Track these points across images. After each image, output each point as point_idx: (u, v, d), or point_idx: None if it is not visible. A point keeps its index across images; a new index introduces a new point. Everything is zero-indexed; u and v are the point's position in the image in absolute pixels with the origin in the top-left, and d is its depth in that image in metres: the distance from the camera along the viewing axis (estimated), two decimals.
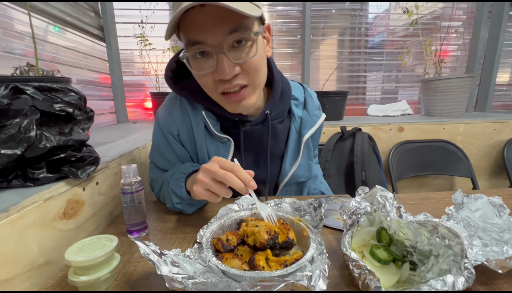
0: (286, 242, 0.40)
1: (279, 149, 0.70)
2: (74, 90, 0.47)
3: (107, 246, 0.39)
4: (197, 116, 0.63)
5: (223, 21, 0.46)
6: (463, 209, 0.48)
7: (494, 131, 1.48)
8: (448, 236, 0.31)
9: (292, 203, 0.58)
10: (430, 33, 1.94)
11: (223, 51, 0.48)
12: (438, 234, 0.32)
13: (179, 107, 0.65)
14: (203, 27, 0.47)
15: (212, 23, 0.46)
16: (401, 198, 0.70)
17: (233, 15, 0.46)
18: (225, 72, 0.49)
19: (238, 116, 0.62)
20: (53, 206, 0.43)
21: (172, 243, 0.50)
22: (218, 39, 0.47)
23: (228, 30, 0.47)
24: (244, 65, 0.51)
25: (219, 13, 0.45)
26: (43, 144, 0.41)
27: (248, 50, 0.50)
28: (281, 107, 0.66)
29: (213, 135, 0.64)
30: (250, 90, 0.55)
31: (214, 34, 0.47)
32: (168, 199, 0.60)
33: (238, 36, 0.48)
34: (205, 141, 0.64)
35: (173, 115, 0.65)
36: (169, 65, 0.64)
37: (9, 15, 1.04)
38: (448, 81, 1.57)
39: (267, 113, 0.64)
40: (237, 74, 0.51)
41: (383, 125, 1.43)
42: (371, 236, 0.45)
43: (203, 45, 0.48)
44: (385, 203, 0.40)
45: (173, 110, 0.66)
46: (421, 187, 1.53)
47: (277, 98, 0.65)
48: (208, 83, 0.53)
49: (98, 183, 0.57)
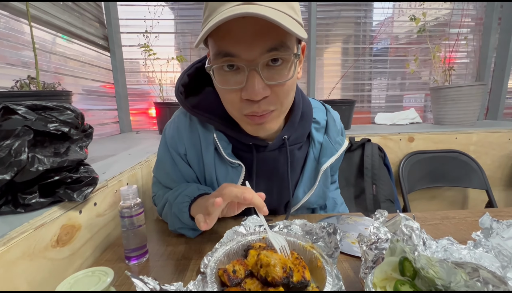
0: (301, 282, 0.36)
1: (294, 175, 0.64)
2: (70, 108, 0.44)
3: (101, 281, 0.35)
4: (208, 138, 0.58)
5: (264, 37, 0.41)
6: (493, 235, 0.43)
7: (509, 141, 1.42)
8: (492, 281, 0.26)
9: (302, 225, 0.54)
10: (438, 40, 1.91)
11: (256, 69, 0.42)
12: (480, 277, 0.27)
13: (189, 126, 0.60)
14: (240, 40, 0.41)
15: (251, 37, 0.41)
16: (419, 218, 0.65)
17: (276, 32, 0.40)
18: (255, 93, 0.43)
19: (253, 140, 0.57)
20: (45, 234, 0.40)
21: (174, 271, 0.46)
22: (254, 55, 0.42)
23: (268, 47, 0.41)
24: (275, 87, 0.45)
25: (260, 27, 0.40)
26: (35, 168, 0.38)
27: (283, 72, 0.44)
28: (301, 131, 0.60)
29: (224, 159, 0.58)
30: (276, 115, 0.49)
31: (251, 49, 0.41)
32: (171, 222, 0.57)
33: (277, 55, 0.42)
34: (214, 164, 0.59)
35: (182, 134, 0.60)
36: (181, 79, 0.58)
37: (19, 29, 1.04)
38: (459, 89, 1.53)
39: (285, 139, 0.59)
40: (266, 97, 0.45)
41: (392, 135, 1.38)
42: (392, 267, 0.41)
43: (235, 58, 0.42)
44: (411, 234, 0.36)
45: (182, 129, 0.60)
46: (433, 199, 1.48)
47: (296, 122, 0.58)
48: (233, 101, 0.47)
49: (96, 204, 0.54)
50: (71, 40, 1.35)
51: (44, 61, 1.18)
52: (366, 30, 2.02)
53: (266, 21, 0.37)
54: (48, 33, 1.19)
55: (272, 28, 0.39)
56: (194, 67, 0.60)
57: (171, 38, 1.85)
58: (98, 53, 1.60)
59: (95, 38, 1.52)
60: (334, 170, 0.75)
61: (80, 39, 1.40)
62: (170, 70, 1.72)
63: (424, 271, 0.34)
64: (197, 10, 1.83)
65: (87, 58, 1.49)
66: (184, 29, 1.86)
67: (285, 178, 0.61)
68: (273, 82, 0.44)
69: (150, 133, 1.69)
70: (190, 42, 1.84)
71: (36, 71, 0.77)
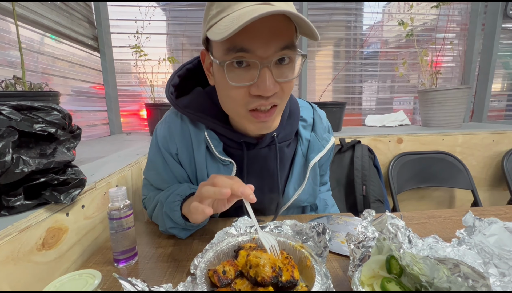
0: (290, 281, 0.37)
1: (283, 172, 0.66)
2: (57, 108, 0.43)
3: (88, 284, 0.35)
4: (199, 136, 0.59)
5: (279, 36, 0.44)
6: (476, 233, 0.45)
7: (493, 142, 1.47)
8: (472, 276, 0.27)
9: (293, 226, 0.54)
10: (426, 44, 1.96)
11: (268, 66, 0.44)
12: (460, 272, 0.28)
13: (180, 126, 0.61)
14: (257, 37, 0.43)
15: (269, 34, 0.43)
16: (406, 217, 0.67)
17: (287, 32, 0.44)
18: (267, 89, 0.45)
19: (243, 138, 0.58)
20: (30, 236, 0.39)
21: (164, 273, 0.46)
22: (268, 53, 0.44)
23: (282, 45, 0.44)
24: (283, 84, 0.48)
25: (275, 26, 0.43)
26: (19, 169, 0.37)
27: (290, 70, 0.48)
28: (289, 129, 0.63)
29: (215, 157, 0.59)
30: (279, 111, 0.52)
31: (267, 46, 0.43)
32: (161, 222, 0.56)
33: (288, 53, 0.46)
34: (205, 163, 0.60)
35: (173, 133, 0.61)
36: (171, 80, 0.59)
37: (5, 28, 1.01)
38: (445, 92, 1.57)
39: (274, 136, 0.60)
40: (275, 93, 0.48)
41: (382, 137, 1.41)
42: (380, 265, 0.41)
43: (249, 54, 0.44)
44: (396, 232, 0.37)
45: (173, 129, 0.61)
46: (422, 199, 1.51)
47: (284, 120, 0.61)
48: (238, 97, 0.48)
49: (84, 206, 0.53)
50: (59, 40, 1.32)
51: (32, 61, 1.15)
52: (357, 34, 2.06)
53: (281, 21, 0.41)
54: (36, 33, 1.17)
55: (285, 28, 0.43)
56: (185, 68, 0.61)
57: (163, 40, 1.84)
58: (88, 53, 1.57)
59: (84, 38, 1.50)
60: (324, 169, 0.76)
61: (69, 39, 1.38)
62: (162, 71, 1.71)
63: (409, 268, 0.35)
64: (189, 12, 1.82)
65: (76, 59, 1.46)
66: (176, 31, 1.85)
67: (275, 175, 0.62)
68: (283, 80, 0.47)
69: (141, 135, 1.66)
70: (182, 43, 1.84)
71: (22, 71, 0.75)
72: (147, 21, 1.67)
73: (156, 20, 1.76)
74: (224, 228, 0.55)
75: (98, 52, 1.65)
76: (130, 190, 0.80)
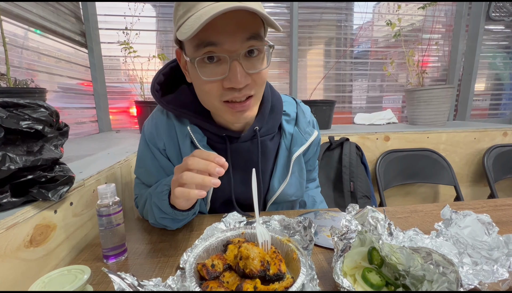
0: (276, 275, 0.38)
1: (268, 166, 0.67)
2: (44, 105, 0.43)
3: (77, 279, 0.35)
4: (183, 131, 0.61)
5: (243, 28, 0.46)
6: (452, 225, 0.48)
7: (474, 140, 1.53)
8: (442, 263, 0.30)
9: (281, 221, 0.56)
10: (413, 44, 2.01)
11: (238, 59, 0.47)
12: (432, 260, 0.31)
13: (166, 122, 0.63)
14: (223, 31, 0.45)
15: (233, 28, 0.45)
16: (390, 212, 0.70)
17: (252, 24, 0.46)
18: (238, 81, 0.47)
19: (225, 132, 0.60)
20: (17, 234, 0.39)
21: (153, 268, 0.47)
22: (236, 45, 0.46)
23: (247, 36, 0.46)
24: (254, 76, 0.50)
25: (239, 19, 0.45)
26: (6, 167, 0.37)
27: (260, 61, 0.50)
28: (271, 123, 0.64)
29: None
30: (255, 101, 0.54)
31: (233, 40, 0.46)
32: (151, 214, 0.57)
33: (255, 44, 0.48)
34: None
35: (160, 129, 0.63)
36: (156, 78, 0.61)
37: None
38: (430, 91, 1.62)
39: (256, 130, 0.61)
40: (248, 84, 0.50)
41: (369, 135, 1.44)
42: (362, 257, 0.44)
43: (218, 48, 0.46)
44: (376, 224, 0.39)
45: (160, 125, 0.63)
46: (407, 195, 1.56)
47: (266, 114, 0.63)
48: (212, 91, 0.50)
49: (73, 204, 0.53)
50: (44, 35, 1.29)
51: (16, 57, 1.12)
52: (347, 33, 2.09)
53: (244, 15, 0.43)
54: (19, 27, 1.14)
55: (250, 21, 0.45)
56: (169, 67, 0.63)
57: (153, 36, 1.81)
58: (75, 49, 1.54)
59: (71, 33, 1.47)
60: (311, 164, 0.78)
61: (55, 34, 1.35)
62: (152, 68, 1.69)
63: (388, 258, 0.38)
64: None
65: (63, 55, 1.43)
66: (166, 27, 1.83)
67: (258, 169, 0.63)
68: (253, 71, 0.49)
69: (130, 133, 1.65)
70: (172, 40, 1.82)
71: (6, 67, 0.73)
72: (136, 17, 1.64)
73: (146, 16, 1.74)
74: (213, 224, 0.56)
75: (85, 48, 1.62)
76: (120, 187, 0.79)
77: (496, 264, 0.39)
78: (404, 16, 2.06)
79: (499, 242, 0.42)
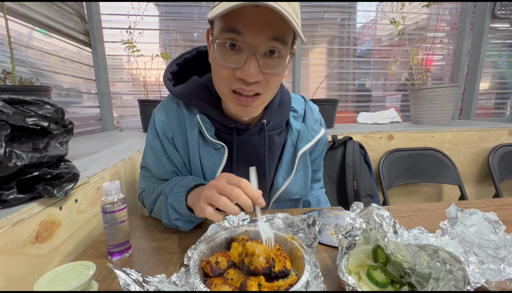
0: (282, 271, 0.38)
1: (273, 161, 0.67)
2: (49, 102, 0.43)
3: (83, 274, 0.36)
4: (192, 120, 0.62)
5: (270, 27, 0.46)
6: (458, 224, 0.47)
7: (479, 139, 1.52)
8: (449, 260, 0.29)
9: (284, 219, 0.56)
10: (417, 43, 1.99)
11: (255, 54, 0.47)
12: (439, 258, 0.30)
13: (176, 110, 0.63)
14: (250, 23, 0.46)
15: (260, 23, 0.46)
16: (394, 210, 0.69)
17: (281, 27, 0.46)
18: (250, 75, 0.47)
19: (234, 123, 0.60)
20: (23, 229, 0.39)
21: (157, 265, 0.47)
22: (257, 41, 0.46)
23: (271, 35, 0.46)
24: (268, 76, 0.50)
25: (270, 18, 0.45)
26: (13, 163, 0.37)
27: (277, 64, 0.50)
28: (279, 117, 0.65)
29: (207, 141, 0.61)
30: (261, 101, 0.54)
31: (257, 35, 0.46)
32: (165, 214, 0.56)
33: (277, 46, 0.48)
34: (198, 147, 0.62)
35: (169, 117, 0.63)
36: (170, 67, 0.63)
37: None
38: (434, 90, 1.61)
39: (264, 123, 0.62)
40: (258, 81, 0.50)
41: (373, 134, 1.44)
42: (367, 255, 0.43)
43: (240, 37, 0.46)
44: (382, 222, 0.39)
45: (170, 113, 0.64)
46: (411, 194, 1.55)
47: (275, 108, 0.63)
48: (225, 75, 0.51)
49: (77, 201, 0.53)
50: (49, 35, 1.30)
51: (20, 56, 1.13)
52: (350, 32, 2.08)
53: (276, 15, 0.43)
54: (25, 27, 1.14)
55: (279, 23, 0.45)
56: (183, 57, 0.65)
57: (156, 35, 1.82)
58: (79, 48, 1.55)
59: (75, 33, 1.47)
60: (316, 164, 0.78)
61: (59, 34, 1.35)
62: (155, 67, 1.70)
63: (393, 256, 0.37)
64: (182, 8, 1.81)
65: (67, 54, 1.44)
66: (169, 26, 1.84)
67: (265, 163, 0.63)
68: (267, 71, 0.49)
69: (134, 131, 1.65)
70: (175, 39, 1.82)
71: (12, 65, 0.74)
72: (139, 16, 1.65)
73: (149, 16, 1.74)
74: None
75: (89, 47, 1.62)
76: (124, 185, 0.80)
77: (503, 263, 0.39)
78: (408, 15, 2.04)
79: (506, 241, 0.41)
